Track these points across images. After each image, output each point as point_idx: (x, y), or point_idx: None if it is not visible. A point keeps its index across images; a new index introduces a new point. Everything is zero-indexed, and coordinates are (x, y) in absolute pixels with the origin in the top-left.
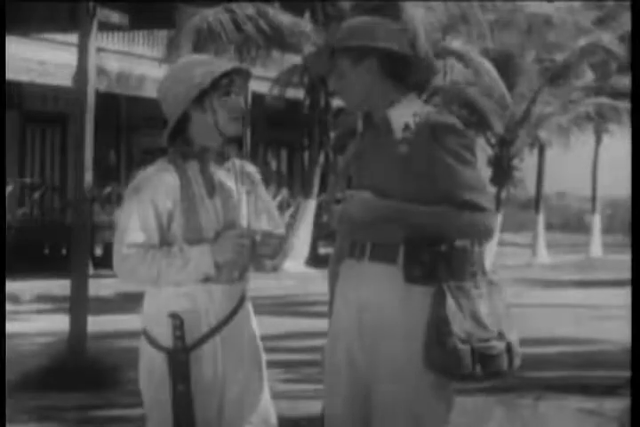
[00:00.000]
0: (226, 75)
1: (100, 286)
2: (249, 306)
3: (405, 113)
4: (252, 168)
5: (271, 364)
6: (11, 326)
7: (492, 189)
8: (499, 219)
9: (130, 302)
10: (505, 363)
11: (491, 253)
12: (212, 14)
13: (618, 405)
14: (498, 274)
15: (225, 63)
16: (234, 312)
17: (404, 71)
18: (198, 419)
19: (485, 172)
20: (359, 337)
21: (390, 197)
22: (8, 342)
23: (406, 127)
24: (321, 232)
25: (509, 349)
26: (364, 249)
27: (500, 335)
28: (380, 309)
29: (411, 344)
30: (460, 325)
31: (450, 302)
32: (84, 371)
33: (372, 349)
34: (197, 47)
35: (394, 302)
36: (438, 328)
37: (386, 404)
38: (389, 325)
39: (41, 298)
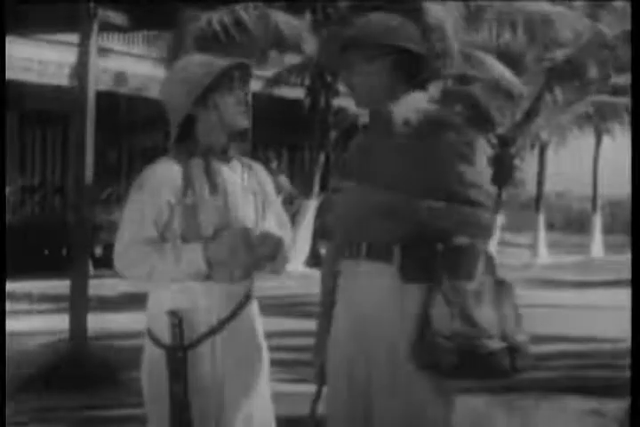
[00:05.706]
0: (226, 71)
1: (100, 286)
2: (254, 305)
3: (408, 109)
4: (259, 167)
5: (271, 363)
6: (10, 326)
7: (493, 189)
8: (498, 218)
9: (130, 302)
10: (501, 363)
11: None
12: (216, 17)
13: (618, 405)
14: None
15: (223, 61)
16: (236, 312)
17: (416, 70)
18: (195, 418)
19: (486, 172)
20: (357, 340)
21: (390, 190)
22: (8, 342)
23: (407, 122)
24: (321, 232)
25: (512, 349)
26: (360, 248)
27: (499, 335)
28: (377, 309)
29: (407, 344)
30: (445, 322)
31: (438, 299)
32: (84, 371)
33: (370, 350)
34: (202, 49)
35: (391, 302)
36: (421, 325)
37: (385, 406)
38: (387, 325)
39: (41, 298)
